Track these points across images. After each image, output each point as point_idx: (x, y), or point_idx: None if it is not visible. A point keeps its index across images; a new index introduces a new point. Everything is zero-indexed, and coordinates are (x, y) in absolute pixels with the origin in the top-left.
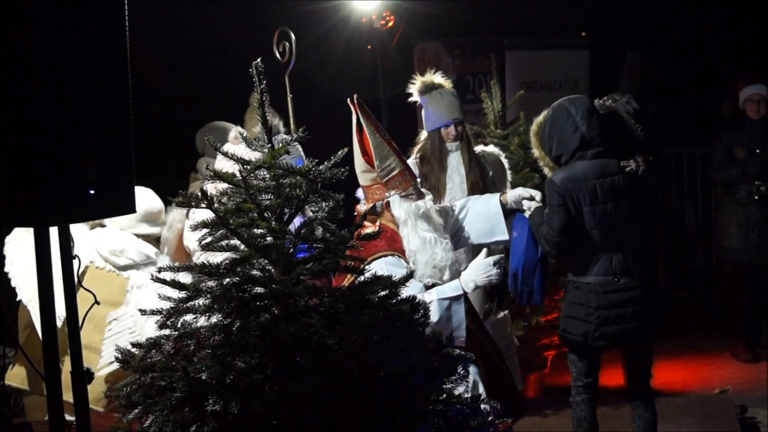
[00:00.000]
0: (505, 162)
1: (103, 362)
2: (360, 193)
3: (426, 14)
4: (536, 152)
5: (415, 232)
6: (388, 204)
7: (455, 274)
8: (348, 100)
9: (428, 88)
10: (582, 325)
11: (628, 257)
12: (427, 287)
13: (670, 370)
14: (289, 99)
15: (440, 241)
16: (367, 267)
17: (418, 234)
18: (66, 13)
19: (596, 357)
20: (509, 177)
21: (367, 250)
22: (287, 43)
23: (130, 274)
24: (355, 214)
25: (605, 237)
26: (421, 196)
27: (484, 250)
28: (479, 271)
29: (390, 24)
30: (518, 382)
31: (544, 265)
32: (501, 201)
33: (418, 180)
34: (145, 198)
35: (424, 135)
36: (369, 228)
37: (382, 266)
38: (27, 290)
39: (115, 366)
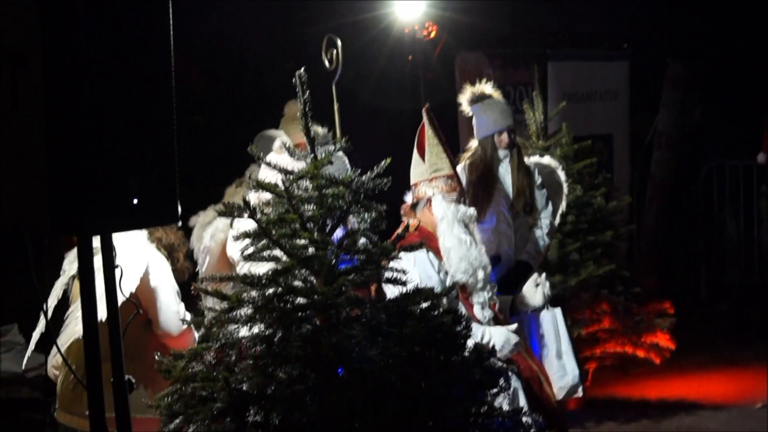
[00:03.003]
0: (562, 174)
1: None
2: (409, 196)
3: (468, 25)
4: None
5: (451, 231)
6: (430, 202)
7: (487, 279)
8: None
9: (479, 98)
10: None
11: None
12: (460, 287)
13: (712, 383)
14: (335, 108)
15: (475, 244)
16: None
17: (454, 234)
18: (110, 21)
19: None
20: (565, 190)
21: (408, 238)
22: (334, 51)
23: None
24: (402, 216)
25: None
26: (463, 204)
27: (515, 325)
28: (501, 339)
29: (432, 35)
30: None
31: None
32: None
33: (465, 197)
34: None
35: (473, 143)
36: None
37: (410, 259)
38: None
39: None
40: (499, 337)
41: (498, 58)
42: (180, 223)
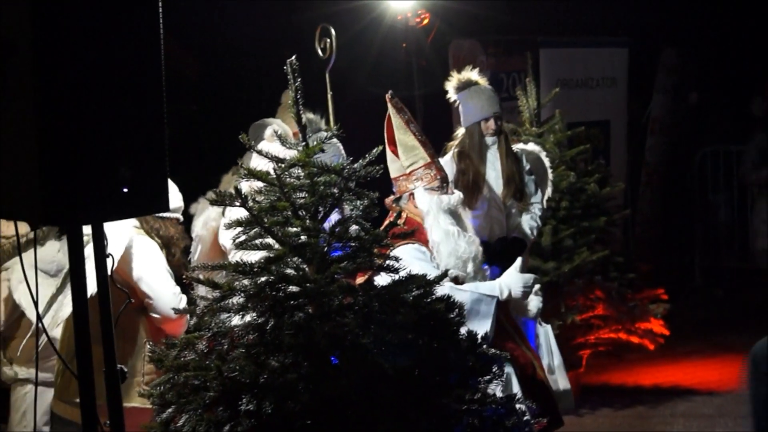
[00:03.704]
0: (546, 160)
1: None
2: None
3: (461, 12)
4: None
5: (437, 224)
6: (412, 196)
7: (478, 268)
8: (386, 96)
9: (465, 85)
10: None
11: None
12: (452, 279)
13: (706, 369)
14: (329, 96)
15: (463, 235)
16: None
17: (441, 226)
18: (99, 11)
19: None
20: (550, 175)
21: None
22: (328, 40)
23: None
24: (388, 211)
25: None
26: (446, 192)
27: (519, 260)
28: (519, 283)
29: (425, 22)
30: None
31: None
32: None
33: (450, 181)
34: None
35: (461, 131)
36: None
37: (407, 254)
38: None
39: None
40: (515, 284)
41: (491, 45)
42: (182, 219)
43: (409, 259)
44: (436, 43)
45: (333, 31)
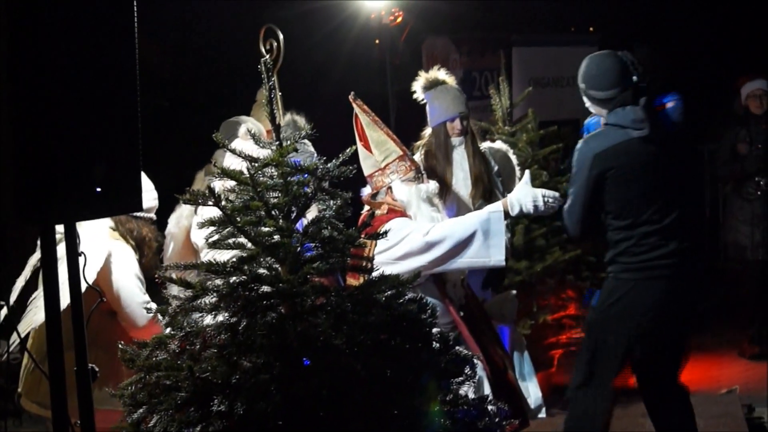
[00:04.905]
0: (513, 158)
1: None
2: (365, 190)
3: (434, 10)
4: None
5: (421, 213)
6: (390, 190)
7: None
8: (349, 97)
9: (432, 85)
10: None
11: None
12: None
13: None
14: (278, 96)
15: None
16: (386, 226)
17: (425, 215)
18: (75, 7)
19: None
20: (518, 173)
21: (379, 220)
22: (274, 41)
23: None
24: (363, 212)
25: None
26: (422, 182)
27: (527, 173)
28: (528, 197)
29: (398, 20)
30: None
31: None
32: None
33: (423, 172)
34: None
35: (428, 131)
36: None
37: (402, 223)
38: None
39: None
40: (525, 198)
41: (464, 43)
42: (155, 218)
43: (404, 223)
44: (409, 41)
45: (280, 33)
